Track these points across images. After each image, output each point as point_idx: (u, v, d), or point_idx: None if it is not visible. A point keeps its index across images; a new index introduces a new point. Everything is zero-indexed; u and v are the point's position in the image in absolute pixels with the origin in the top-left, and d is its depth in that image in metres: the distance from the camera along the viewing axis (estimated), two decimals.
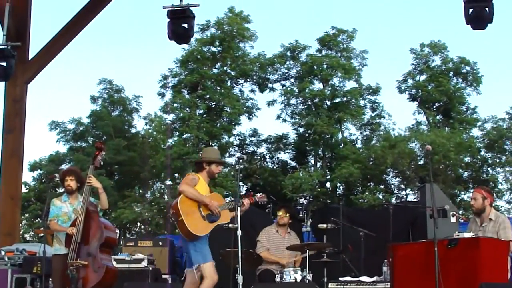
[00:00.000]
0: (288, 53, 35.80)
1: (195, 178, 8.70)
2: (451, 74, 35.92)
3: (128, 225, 35.62)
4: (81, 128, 36.90)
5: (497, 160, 34.70)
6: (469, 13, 8.55)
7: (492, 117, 35.34)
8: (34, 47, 14.64)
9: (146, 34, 51.71)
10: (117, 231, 28.66)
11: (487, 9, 8.49)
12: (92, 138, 36.40)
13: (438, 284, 7.45)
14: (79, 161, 32.05)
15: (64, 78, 52.33)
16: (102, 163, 9.44)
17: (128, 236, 34.25)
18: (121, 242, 13.80)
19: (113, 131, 35.70)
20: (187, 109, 33.42)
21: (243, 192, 34.91)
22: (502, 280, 8.14)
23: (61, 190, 33.19)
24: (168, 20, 9.83)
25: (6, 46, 10.02)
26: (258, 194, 9.08)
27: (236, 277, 8.43)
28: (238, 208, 8.47)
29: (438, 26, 50.55)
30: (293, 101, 35.36)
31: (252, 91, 36.01)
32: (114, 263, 9.71)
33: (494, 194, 33.51)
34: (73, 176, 9.24)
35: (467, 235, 8.37)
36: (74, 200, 9.21)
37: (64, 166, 35.57)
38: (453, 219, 11.14)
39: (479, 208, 9.14)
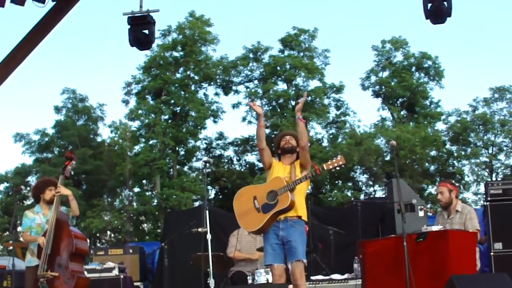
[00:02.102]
0: (251, 55, 35.86)
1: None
2: (413, 69, 36.22)
3: (97, 234, 35.44)
4: (46, 139, 36.68)
5: (462, 153, 35.04)
6: (428, 8, 8.61)
7: (455, 110, 35.74)
8: None
9: (108, 41, 51.46)
10: (87, 240, 28.55)
11: (445, 3, 8.55)
12: (57, 149, 36.24)
13: (408, 278, 7.49)
14: (46, 172, 31.80)
15: (26, 89, 51.87)
16: (72, 173, 9.36)
17: (98, 245, 34.10)
18: (91, 252, 13.70)
19: (78, 141, 35.53)
20: (152, 115, 33.33)
21: (212, 196, 34.99)
22: (471, 271, 8.21)
23: (28, 202, 33.16)
24: (129, 26, 9.78)
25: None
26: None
27: (208, 281, 8.42)
28: (206, 211, 8.45)
29: (399, 22, 50.96)
30: (257, 102, 35.29)
31: (217, 94, 36.05)
32: (85, 272, 9.65)
33: (461, 186, 33.91)
34: (53, 186, 9.17)
35: (435, 228, 8.43)
36: (47, 210, 9.13)
37: (30, 178, 35.36)
38: (421, 213, 11.22)
39: (446, 201, 9.25)
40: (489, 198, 10.11)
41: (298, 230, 7.63)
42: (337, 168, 7.89)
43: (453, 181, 10.53)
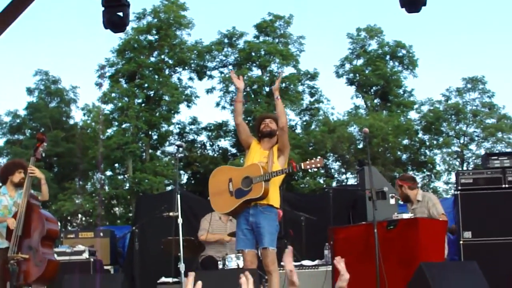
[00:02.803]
0: (226, 40, 35.81)
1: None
2: (387, 57, 36.38)
3: (69, 217, 35.28)
4: (18, 121, 36.47)
5: (434, 142, 35.25)
6: None
7: (428, 100, 35.99)
8: None
9: (82, 23, 51.12)
10: (58, 223, 28.40)
11: None
12: (29, 131, 36.02)
13: (379, 265, 7.53)
14: (17, 154, 31.62)
15: None
16: (43, 155, 9.28)
17: (69, 228, 33.94)
18: (62, 235, 13.62)
19: (50, 123, 35.33)
20: (126, 98, 33.15)
21: (184, 180, 34.93)
22: (440, 259, 8.28)
23: None
24: (103, 8, 9.70)
25: None
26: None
27: (178, 265, 8.41)
28: (177, 195, 8.42)
29: (374, 10, 51.12)
30: (231, 88, 35.36)
31: (191, 79, 35.97)
32: (55, 255, 9.59)
33: (433, 175, 34.12)
34: (22, 169, 9.09)
35: (406, 216, 8.47)
36: (13, 192, 9.04)
37: (1, 160, 35.08)
38: (392, 201, 11.25)
39: (402, 197, 9.49)
40: (459, 187, 10.19)
41: (268, 217, 7.62)
42: (315, 169, 7.87)
43: (411, 174, 10.87)
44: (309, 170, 7.99)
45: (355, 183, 16.81)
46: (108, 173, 34.58)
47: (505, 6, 46.84)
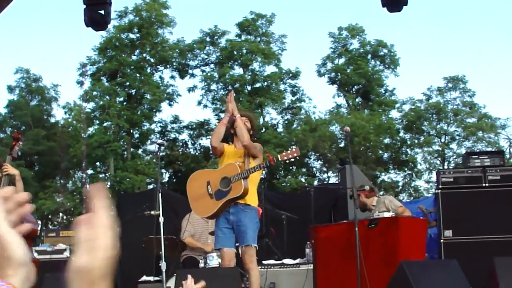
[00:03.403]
0: (208, 39, 35.80)
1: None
2: (369, 57, 36.49)
3: (49, 216, 35.15)
4: None
5: (416, 141, 35.42)
6: None
7: (409, 99, 36.17)
8: None
9: (63, 21, 50.92)
10: (39, 222, 28.27)
11: None
12: (10, 129, 35.82)
13: (360, 263, 7.54)
14: None
15: None
16: (19, 153, 9.24)
17: (50, 227, 33.81)
18: (43, 233, 13.58)
19: (31, 121, 35.19)
20: (107, 97, 33.11)
21: (166, 179, 34.88)
22: (420, 257, 8.32)
23: None
24: (84, 6, 9.66)
25: None
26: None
27: (160, 264, 8.39)
28: (159, 194, 8.40)
29: (355, 10, 51.23)
30: (213, 86, 35.42)
31: (172, 77, 35.99)
32: (36, 254, 9.56)
33: (414, 174, 34.28)
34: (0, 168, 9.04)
35: (387, 214, 8.50)
36: None
37: None
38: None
39: (360, 206, 9.50)
40: (440, 186, 10.21)
41: (249, 215, 7.61)
42: (292, 159, 7.82)
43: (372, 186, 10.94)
44: (287, 161, 7.95)
45: (337, 182, 16.84)
46: (90, 171, 34.49)
47: (486, 6, 47.10)
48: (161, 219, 8.36)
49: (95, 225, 1.25)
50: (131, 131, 34.08)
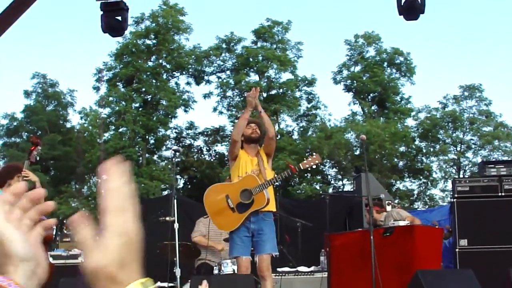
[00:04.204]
0: (224, 45, 35.82)
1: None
2: (385, 64, 36.41)
3: (64, 221, 35.20)
4: (15, 124, 36.42)
5: (431, 149, 35.29)
6: (402, 4, 8.62)
7: (425, 107, 36.06)
8: None
9: (80, 27, 51.16)
10: (54, 227, 28.30)
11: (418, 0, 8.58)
12: (26, 133, 35.96)
13: (374, 272, 7.52)
14: (14, 157, 31.58)
15: None
16: (37, 158, 9.25)
17: (65, 232, 33.84)
18: (58, 238, 13.59)
19: (47, 126, 35.29)
20: (123, 102, 33.19)
21: (181, 185, 34.92)
22: (436, 267, 8.28)
23: None
24: (102, 12, 9.69)
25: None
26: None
27: (174, 270, 8.39)
28: (174, 200, 8.40)
29: (372, 17, 51.18)
30: (229, 93, 35.44)
31: (188, 83, 36.03)
32: (51, 259, 9.58)
33: (429, 183, 34.15)
34: (21, 174, 9.05)
35: (402, 223, 8.49)
36: None
37: None
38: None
39: (373, 224, 9.51)
40: (456, 195, 10.17)
41: (269, 223, 7.60)
42: (314, 167, 7.83)
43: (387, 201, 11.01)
44: (309, 169, 7.94)
45: (352, 190, 16.84)
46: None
47: (503, 16, 46.93)
48: (176, 225, 8.37)
49: (104, 210, 1.18)
50: (147, 137, 34.14)
